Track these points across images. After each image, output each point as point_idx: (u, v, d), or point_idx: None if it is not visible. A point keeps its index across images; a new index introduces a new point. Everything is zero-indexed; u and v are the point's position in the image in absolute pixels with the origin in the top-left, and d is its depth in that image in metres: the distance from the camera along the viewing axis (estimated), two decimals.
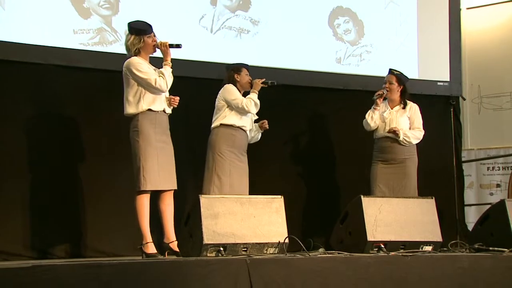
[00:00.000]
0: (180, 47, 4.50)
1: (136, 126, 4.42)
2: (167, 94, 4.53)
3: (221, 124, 5.07)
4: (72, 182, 5.42)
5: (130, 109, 4.44)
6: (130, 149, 4.45)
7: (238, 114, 5.08)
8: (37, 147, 5.33)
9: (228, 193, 4.83)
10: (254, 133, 5.33)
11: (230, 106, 5.07)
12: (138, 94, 4.43)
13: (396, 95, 5.64)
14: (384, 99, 5.66)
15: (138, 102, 4.42)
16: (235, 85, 5.15)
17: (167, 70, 4.44)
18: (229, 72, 5.20)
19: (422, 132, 5.64)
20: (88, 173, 5.46)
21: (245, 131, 5.15)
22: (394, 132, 5.49)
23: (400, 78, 5.63)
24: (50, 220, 5.28)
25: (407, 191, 5.46)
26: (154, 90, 4.42)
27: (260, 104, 5.21)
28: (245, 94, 5.19)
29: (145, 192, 4.38)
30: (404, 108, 5.62)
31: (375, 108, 5.61)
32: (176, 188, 4.53)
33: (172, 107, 4.57)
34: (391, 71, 5.67)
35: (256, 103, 5.07)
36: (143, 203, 4.38)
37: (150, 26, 4.49)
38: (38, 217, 5.24)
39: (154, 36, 4.51)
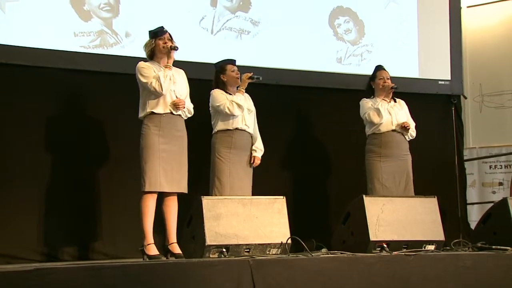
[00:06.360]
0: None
1: (142, 129, 4.50)
2: (174, 97, 4.51)
3: (218, 131, 5.06)
4: (77, 184, 5.42)
5: (139, 113, 4.54)
6: (135, 151, 4.51)
7: (228, 118, 5.02)
8: (41, 150, 5.32)
9: (229, 195, 4.83)
10: None
11: (218, 112, 5.05)
12: (144, 97, 4.51)
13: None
14: (373, 95, 5.58)
15: (144, 106, 4.50)
16: (224, 85, 5.09)
17: (166, 72, 4.46)
18: (215, 74, 5.14)
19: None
20: (93, 175, 5.46)
21: (243, 130, 5.09)
22: (404, 126, 5.42)
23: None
24: (54, 223, 5.28)
25: (410, 190, 5.42)
26: (152, 92, 4.44)
27: (260, 104, 5.20)
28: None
29: (149, 193, 4.40)
30: (396, 102, 5.57)
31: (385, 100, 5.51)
32: (182, 191, 4.52)
33: (179, 110, 4.54)
34: (382, 68, 5.63)
35: (239, 105, 4.98)
36: (147, 204, 4.40)
37: (162, 28, 4.56)
38: (42, 220, 5.24)
39: (169, 39, 4.55)
